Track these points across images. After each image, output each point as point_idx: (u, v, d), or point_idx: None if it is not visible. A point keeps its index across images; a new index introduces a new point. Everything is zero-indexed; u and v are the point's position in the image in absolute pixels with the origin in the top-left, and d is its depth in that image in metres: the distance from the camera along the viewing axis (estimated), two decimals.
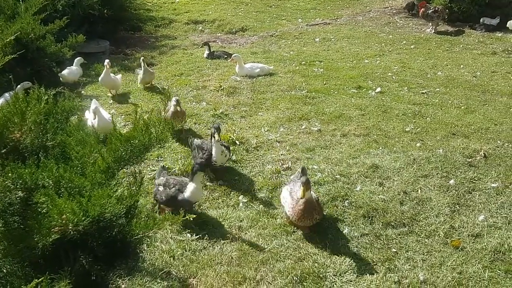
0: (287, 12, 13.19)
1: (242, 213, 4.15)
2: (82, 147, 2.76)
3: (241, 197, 4.38)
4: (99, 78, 6.89)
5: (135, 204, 2.72)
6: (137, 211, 2.70)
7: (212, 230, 3.93)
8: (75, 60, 7.31)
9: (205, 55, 9.18)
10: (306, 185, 3.66)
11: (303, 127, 5.94)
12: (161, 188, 4.06)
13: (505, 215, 4.07)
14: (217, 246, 3.72)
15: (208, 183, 4.61)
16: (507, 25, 10.42)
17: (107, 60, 6.84)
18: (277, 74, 8.11)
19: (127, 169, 2.92)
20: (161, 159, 5.04)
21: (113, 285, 3.16)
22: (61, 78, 7.18)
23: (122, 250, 2.62)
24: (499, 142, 5.45)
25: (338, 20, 12.47)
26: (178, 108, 5.37)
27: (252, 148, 5.36)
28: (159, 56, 9.61)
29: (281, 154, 5.22)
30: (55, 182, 2.25)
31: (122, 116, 6.32)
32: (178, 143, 5.44)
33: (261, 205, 4.28)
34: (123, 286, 3.22)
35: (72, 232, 2.10)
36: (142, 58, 7.38)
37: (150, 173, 4.71)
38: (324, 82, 7.68)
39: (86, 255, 2.25)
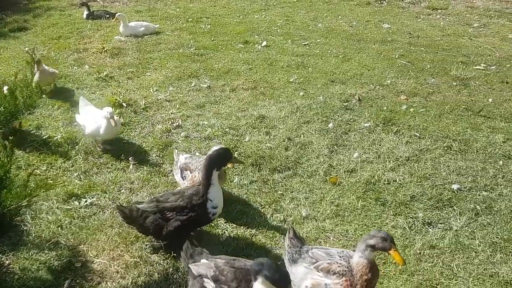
0: None
1: (132, 175, 4.10)
2: None
3: (131, 158, 4.31)
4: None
5: (6, 175, 2.59)
6: (9, 182, 2.57)
7: (102, 195, 3.84)
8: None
9: (84, 16, 8.64)
10: (394, 244, 2.46)
11: (193, 84, 5.94)
12: (209, 287, 2.38)
13: (376, 150, 4.53)
14: (107, 211, 3.65)
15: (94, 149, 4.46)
16: None
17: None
18: (163, 32, 7.92)
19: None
20: (41, 128, 4.74)
21: None
22: None
23: None
24: (371, 85, 5.96)
25: None
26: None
27: (141, 110, 5.27)
28: (33, 19, 8.84)
29: (171, 113, 5.21)
30: None
31: None
32: (59, 110, 5.15)
33: (152, 165, 4.27)
34: (7, 262, 3.07)
35: None
36: (37, 58, 5.24)
37: (30, 144, 4.42)
38: (212, 39, 7.67)
39: None
